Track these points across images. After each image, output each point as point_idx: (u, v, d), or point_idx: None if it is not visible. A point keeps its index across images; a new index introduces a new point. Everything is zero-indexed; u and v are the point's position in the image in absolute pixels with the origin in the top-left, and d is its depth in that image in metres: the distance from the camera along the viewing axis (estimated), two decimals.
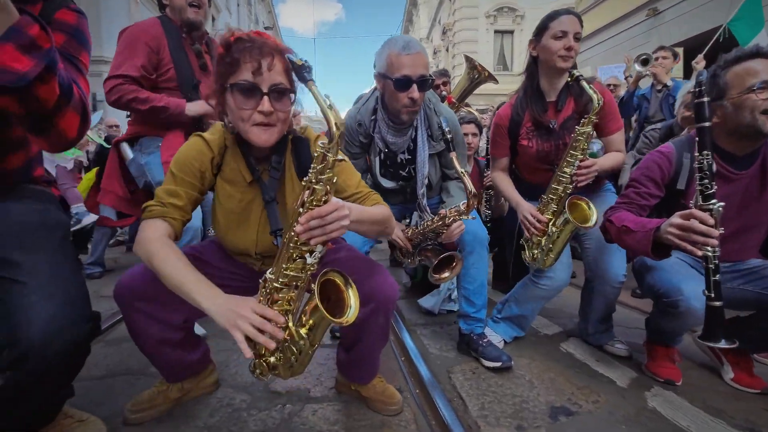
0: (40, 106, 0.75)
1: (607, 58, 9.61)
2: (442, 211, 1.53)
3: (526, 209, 1.61)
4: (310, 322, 0.91)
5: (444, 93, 3.50)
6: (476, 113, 4.20)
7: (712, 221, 1.12)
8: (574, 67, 1.55)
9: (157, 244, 0.96)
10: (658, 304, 1.40)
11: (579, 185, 1.51)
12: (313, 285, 0.88)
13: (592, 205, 1.49)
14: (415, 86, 1.41)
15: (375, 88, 1.62)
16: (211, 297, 0.89)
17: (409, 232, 1.66)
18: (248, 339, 0.86)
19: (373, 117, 1.59)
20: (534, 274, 1.68)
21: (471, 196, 1.42)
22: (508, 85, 17.20)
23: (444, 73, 3.89)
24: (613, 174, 2.64)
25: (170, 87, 1.77)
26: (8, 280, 0.85)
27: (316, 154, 0.85)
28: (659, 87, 3.74)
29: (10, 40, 0.65)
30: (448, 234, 1.53)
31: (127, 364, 1.62)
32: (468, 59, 3.49)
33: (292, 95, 1.01)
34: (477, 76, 3.43)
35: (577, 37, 1.53)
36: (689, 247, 1.14)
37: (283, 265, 0.91)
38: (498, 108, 3.66)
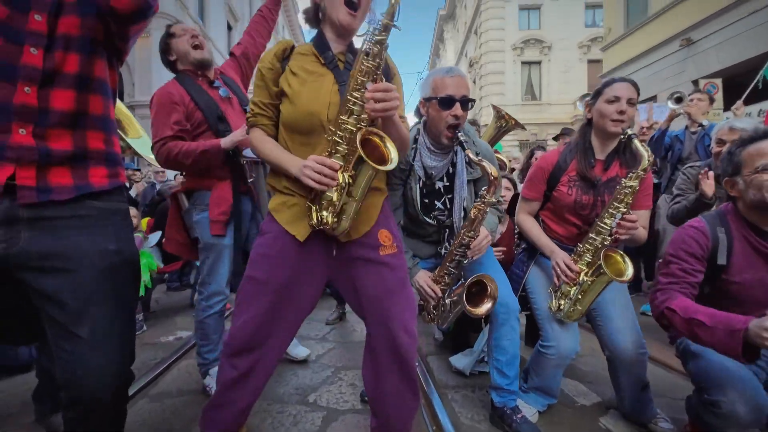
0: None
1: (644, 88, 9.42)
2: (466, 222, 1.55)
3: (560, 257, 1.60)
4: (357, 177, 1.13)
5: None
6: (505, 158, 4.23)
7: None
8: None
9: (256, 141, 1.29)
10: (699, 396, 1.32)
11: (620, 238, 1.49)
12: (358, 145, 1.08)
13: (627, 259, 1.48)
14: (458, 104, 1.52)
15: (414, 124, 1.74)
16: (294, 165, 1.17)
17: (435, 272, 1.65)
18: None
19: (414, 146, 1.66)
20: (541, 344, 1.66)
21: (492, 180, 1.44)
22: (536, 114, 17.30)
23: (473, 122, 3.98)
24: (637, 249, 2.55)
25: (203, 131, 1.90)
26: (67, 330, 0.98)
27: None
28: (694, 128, 3.63)
29: None
30: (477, 244, 1.54)
31: (170, 423, 1.71)
32: (495, 109, 3.57)
33: None
34: (504, 124, 3.51)
35: (632, 102, 1.57)
36: None
37: (342, 117, 1.12)
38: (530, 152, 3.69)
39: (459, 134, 1.50)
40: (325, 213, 1.16)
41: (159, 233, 3.64)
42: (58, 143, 1.02)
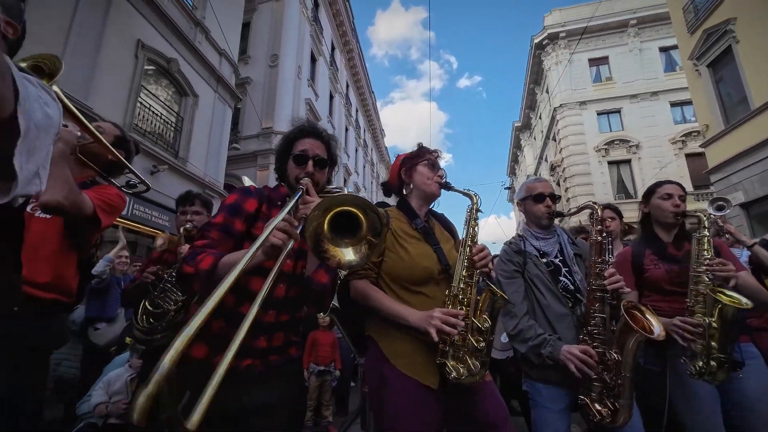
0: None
1: (763, 179, 8.55)
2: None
3: (677, 318, 1.69)
4: (486, 314, 1.41)
5: (611, 229, 2.88)
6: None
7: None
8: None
9: (368, 290, 1.48)
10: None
11: (720, 275, 1.65)
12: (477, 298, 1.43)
13: (732, 293, 1.59)
14: (548, 198, 1.93)
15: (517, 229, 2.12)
16: (412, 314, 1.35)
17: (581, 337, 1.60)
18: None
19: (520, 237, 1.97)
20: None
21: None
22: (632, 213, 16.02)
23: (611, 207, 3.14)
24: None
25: None
26: None
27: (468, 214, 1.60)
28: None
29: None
30: (612, 272, 1.62)
31: None
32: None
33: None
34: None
35: (682, 198, 1.96)
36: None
37: (462, 274, 1.44)
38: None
39: (555, 212, 1.92)
40: (462, 365, 1.33)
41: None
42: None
